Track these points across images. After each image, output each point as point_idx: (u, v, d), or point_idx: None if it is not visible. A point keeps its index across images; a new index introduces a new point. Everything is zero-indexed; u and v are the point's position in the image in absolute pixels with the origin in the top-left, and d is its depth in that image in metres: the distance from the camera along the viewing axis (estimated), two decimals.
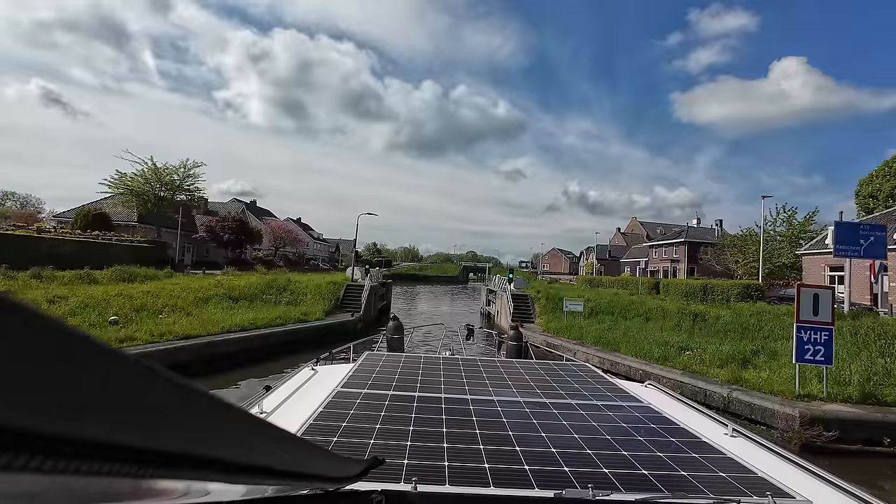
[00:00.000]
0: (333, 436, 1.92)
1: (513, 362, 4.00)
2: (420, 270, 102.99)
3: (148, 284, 17.99)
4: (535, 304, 23.35)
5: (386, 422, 2.14)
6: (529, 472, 1.64)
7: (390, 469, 1.57)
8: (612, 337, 15.45)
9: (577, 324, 18.35)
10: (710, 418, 2.55)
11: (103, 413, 0.25)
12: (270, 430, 0.51)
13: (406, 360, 3.64)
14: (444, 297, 56.39)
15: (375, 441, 1.90)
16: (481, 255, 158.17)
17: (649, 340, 14.52)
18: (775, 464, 1.89)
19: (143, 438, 0.29)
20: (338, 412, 2.23)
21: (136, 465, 0.29)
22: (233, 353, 12.58)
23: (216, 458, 0.37)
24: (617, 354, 13.82)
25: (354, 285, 23.63)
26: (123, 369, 0.28)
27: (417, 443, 1.89)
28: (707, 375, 11.25)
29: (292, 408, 2.35)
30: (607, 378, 3.41)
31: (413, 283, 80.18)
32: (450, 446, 1.86)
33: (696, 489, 1.58)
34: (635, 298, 23.17)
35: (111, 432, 0.26)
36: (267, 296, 19.76)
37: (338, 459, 0.88)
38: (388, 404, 2.42)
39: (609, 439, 2.05)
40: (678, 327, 16.81)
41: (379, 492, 1.16)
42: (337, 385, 2.72)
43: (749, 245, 32.04)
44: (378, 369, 3.25)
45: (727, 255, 36.25)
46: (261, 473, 0.48)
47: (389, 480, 1.46)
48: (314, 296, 20.95)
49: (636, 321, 18.72)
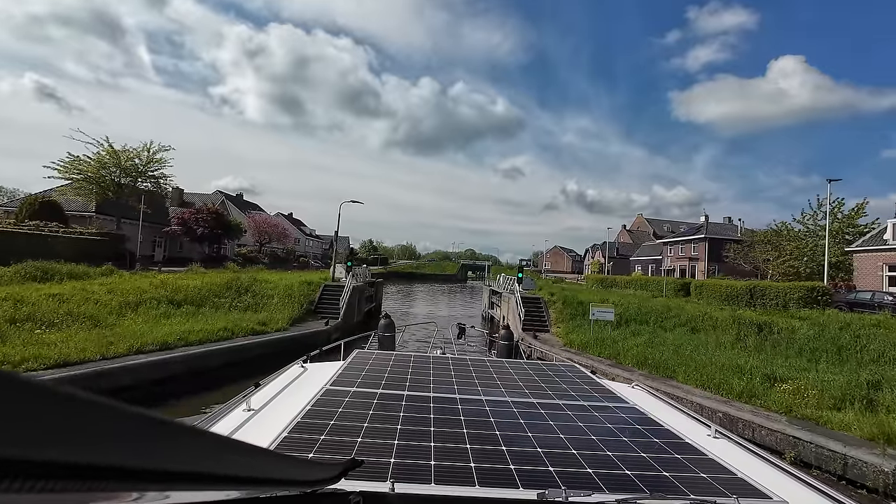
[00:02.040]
0: (320, 434, 1.89)
1: (503, 362, 3.90)
2: (417, 268, 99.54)
3: (66, 285, 14.20)
4: (549, 308, 19.62)
5: (374, 420, 2.11)
6: (515, 472, 1.64)
7: (375, 468, 1.58)
8: (660, 356, 11.73)
9: (607, 335, 14.65)
10: (693, 419, 2.56)
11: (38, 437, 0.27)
12: (239, 445, 0.51)
13: (396, 358, 3.59)
14: (442, 297, 52.84)
15: (363, 439, 1.86)
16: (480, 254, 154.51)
17: (713, 362, 10.83)
18: (755, 465, 1.92)
19: (78, 456, 0.30)
20: (326, 410, 2.20)
21: (76, 481, 0.31)
22: (134, 385, 8.82)
23: (173, 471, 0.38)
24: (674, 384, 10.11)
25: (333, 286, 19.85)
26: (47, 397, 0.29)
27: (404, 442, 1.87)
28: (829, 425, 7.56)
29: (280, 405, 2.32)
30: (595, 378, 3.40)
31: (410, 282, 77.03)
32: (437, 445, 1.85)
33: (676, 489, 1.58)
34: (671, 303, 19.46)
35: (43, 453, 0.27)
36: (221, 299, 15.99)
37: (312, 466, 0.88)
38: (377, 402, 2.39)
39: (594, 440, 2.04)
40: (739, 342, 13.11)
41: (357, 493, 1.09)
42: (326, 383, 2.69)
43: (785, 241, 28.43)
44: (368, 367, 3.21)
45: (756, 253, 32.62)
46: (231, 482, 0.48)
47: (375, 479, 1.47)
48: (282, 299, 17.19)
49: (679, 332, 15.00)
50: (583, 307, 18.84)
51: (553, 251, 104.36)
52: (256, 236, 47.85)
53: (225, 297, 16.15)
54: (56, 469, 0.29)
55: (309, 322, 16.37)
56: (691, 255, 42.35)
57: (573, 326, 17.08)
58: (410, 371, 3.20)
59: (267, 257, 46.62)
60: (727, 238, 41.58)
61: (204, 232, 35.59)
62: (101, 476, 0.33)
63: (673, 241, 47.01)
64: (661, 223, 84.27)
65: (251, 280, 18.61)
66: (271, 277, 20.23)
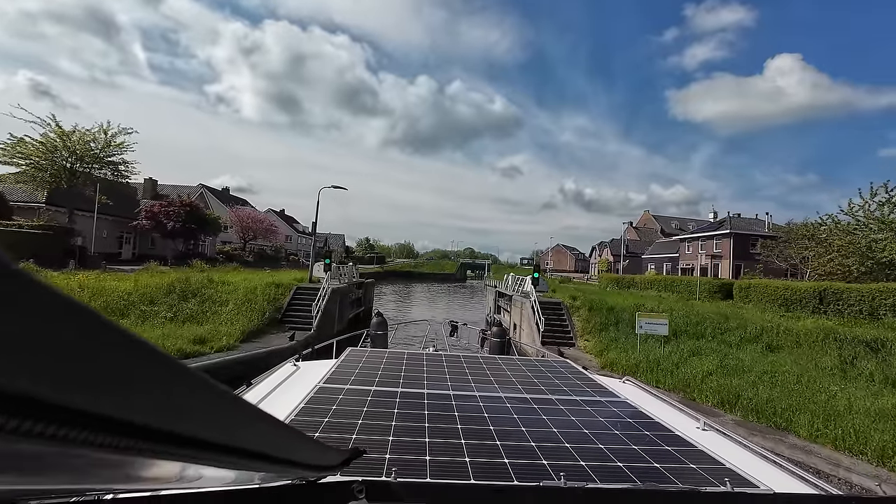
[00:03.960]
0: (315, 432, 1.89)
1: (496, 359, 3.85)
2: (415, 267, 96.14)
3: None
4: (572, 316, 16.05)
5: (368, 417, 2.10)
6: (509, 466, 1.65)
7: (372, 463, 1.59)
8: (755, 392, 8.18)
9: (657, 353, 11.11)
10: (683, 413, 2.57)
11: (88, 384, 0.25)
12: (258, 413, 0.51)
13: (389, 356, 3.58)
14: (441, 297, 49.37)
15: (357, 436, 1.87)
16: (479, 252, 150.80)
17: (844, 404, 7.30)
18: (742, 455, 1.93)
19: (124, 412, 0.29)
20: (319, 408, 2.18)
21: (120, 437, 0.29)
22: None
23: (203, 439, 0.37)
24: (794, 441, 6.58)
25: (308, 288, 16.25)
26: (123, 346, 0.28)
27: (399, 438, 1.87)
28: None
29: (273, 404, 2.31)
30: (587, 374, 3.39)
31: (408, 281, 73.84)
32: (431, 441, 1.85)
33: (665, 479, 1.59)
34: (725, 310, 15.93)
35: (94, 403, 0.26)
36: (155, 307, 12.39)
37: (320, 447, 0.88)
38: (371, 400, 2.38)
39: (587, 433, 2.05)
40: (850, 367, 9.57)
41: (360, 481, 1.08)
42: (319, 381, 2.66)
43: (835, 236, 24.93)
44: (361, 365, 3.18)
45: (793, 250, 29.09)
46: (248, 457, 0.48)
47: (371, 474, 1.47)
48: (239, 305, 13.60)
49: (751, 350, 11.46)
50: (614, 314, 15.31)
51: (556, 250, 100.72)
52: (240, 233, 44.21)
53: (161, 304, 12.55)
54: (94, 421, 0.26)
55: (270, 335, 12.77)
56: (713, 252, 38.83)
57: (606, 340, 13.52)
58: (404, 368, 3.18)
59: (252, 255, 43.14)
60: (755, 234, 37.93)
61: (175, 226, 31.88)
62: (141, 436, 0.31)
63: (691, 238, 43.34)
64: (669, 220, 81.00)
65: (204, 281, 15.01)
66: (233, 278, 16.62)
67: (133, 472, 0.36)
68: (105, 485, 0.57)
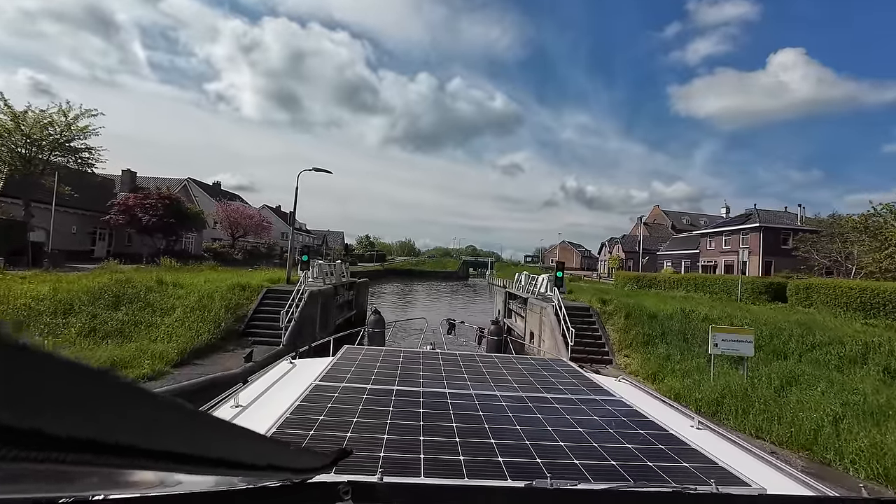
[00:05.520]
0: (309, 429, 1.86)
1: (492, 357, 3.79)
2: (417, 265, 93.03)
3: None
4: (604, 325, 13.09)
5: (363, 415, 2.08)
6: (503, 464, 1.64)
7: (365, 461, 1.57)
8: None
9: (732, 381, 8.17)
10: (678, 412, 2.56)
11: (68, 412, 0.28)
12: (233, 428, 0.53)
13: (386, 354, 3.55)
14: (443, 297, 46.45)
15: (352, 434, 1.84)
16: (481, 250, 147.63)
17: None
18: (736, 454, 1.93)
19: (104, 434, 0.31)
20: (315, 405, 2.16)
21: (97, 455, 0.31)
22: None
23: (174, 452, 0.39)
24: None
25: (282, 290, 13.31)
26: (89, 377, 0.30)
27: (393, 436, 1.85)
28: None
29: (269, 401, 2.30)
30: (583, 373, 3.34)
31: (409, 279, 71.04)
32: (426, 439, 1.83)
33: (659, 478, 1.59)
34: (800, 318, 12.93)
35: (78, 428, 0.28)
36: (70, 318, 9.49)
37: (303, 452, 0.88)
38: (366, 398, 2.36)
39: (581, 432, 2.03)
40: None
41: (346, 483, 1.06)
42: (315, 379, 2.66)
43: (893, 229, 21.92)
44: (357, 363, 3.15)
45: (836, 246, 26.06)
46: (224, 465, 0.49)
47: (364, 473, 1.46)
48: (188, 313, 10.69)
49: (863, 376, 8.49)
50: (658, 323, 12.34)
51: (561, 247, 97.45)
52: (228, 229, 41.35)
53: (81, 315, 9.64)
54: (67, 443, 0.28)
55: (223, 354, 9.86)
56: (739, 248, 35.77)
57: (655, 358, 10.57)
58: (400, 366, 3.15)
59: (242, 253, 40.35)
60: (787, 227, 34.79)
61: (152, 221, 29.02)
62: (106, 452, 0.32)
63: (714, 233, 40.16)
64: (679, 216, 77.94)
65: (154, 284, 12.11)
66: (191, 279, 13.70)
67: (113, 479, 0.38)
68: (87, 491, 0.59)
